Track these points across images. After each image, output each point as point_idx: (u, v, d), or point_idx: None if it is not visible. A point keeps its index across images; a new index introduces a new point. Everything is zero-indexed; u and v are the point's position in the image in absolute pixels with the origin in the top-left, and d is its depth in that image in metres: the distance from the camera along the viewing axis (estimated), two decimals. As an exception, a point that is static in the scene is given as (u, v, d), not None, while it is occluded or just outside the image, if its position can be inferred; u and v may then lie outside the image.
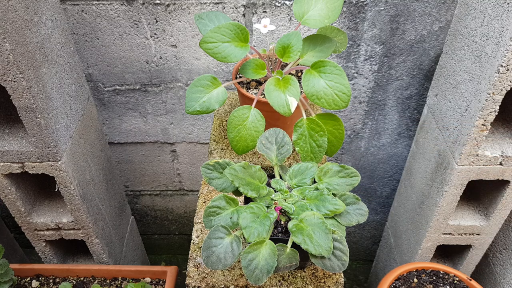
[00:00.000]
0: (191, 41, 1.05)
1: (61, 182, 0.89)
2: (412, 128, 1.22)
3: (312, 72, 0.66)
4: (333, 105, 0.65)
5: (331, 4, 0.71)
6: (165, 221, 1.56)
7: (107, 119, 1.23)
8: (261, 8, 0.99)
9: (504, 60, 0.70)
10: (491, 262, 1.11)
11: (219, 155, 0.81)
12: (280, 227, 0.59)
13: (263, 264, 0.52)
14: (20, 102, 0.74)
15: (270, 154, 0.63)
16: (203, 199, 0.79)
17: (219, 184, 0.59)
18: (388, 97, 1.16)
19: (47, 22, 0.80)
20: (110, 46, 1.07)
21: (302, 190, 0.59)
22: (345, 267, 0.51)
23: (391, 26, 1.02)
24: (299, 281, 0.65)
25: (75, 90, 0.92)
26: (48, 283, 1.06)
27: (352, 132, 1.24)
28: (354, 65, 1.09)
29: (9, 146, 0.82)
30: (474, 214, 0.99)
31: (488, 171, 0.87)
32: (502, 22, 0.70)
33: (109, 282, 1.06)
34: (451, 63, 0.89)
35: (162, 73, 1.12)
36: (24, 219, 0.96)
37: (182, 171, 1.37)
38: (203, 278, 0.66)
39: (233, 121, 0.71)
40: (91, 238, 1.02)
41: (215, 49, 0.68)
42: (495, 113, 0.77)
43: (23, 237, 1.12)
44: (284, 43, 0.70)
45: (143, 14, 1.01)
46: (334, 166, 0.60)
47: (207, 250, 0.53)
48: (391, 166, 1.33)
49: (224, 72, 1.11)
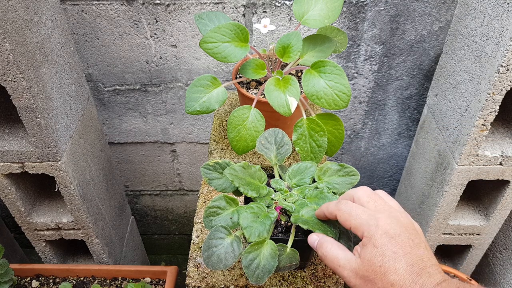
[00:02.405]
0: (191, 41, 1.05)
1: (61, 182, 0.89)
2: (412, 128, 1.22)
3: (312, 72, 0.66)
4: (333, 105, 0.65)
5: (331, 4, 0.71)
6: (165, 221, 1.56)
7: (107, 119, 1.23)
8: (261, 8, 0.99)
9: (504, 60, 0.70)
10: (491, 262, 1.11)
11: (219, 155, 0.81)
12: (280, 227, 0.59)
13: (264, 263, 0.52)
14: (20, 102, 0.74)
15: (270, 154, 0.63)
16: (203, 199, 0.79)
17: (219, 185, 0.59)
18: (388, 97, 1.16)
19: (47, 22, 0.80)
20: (110, 46, 1.07)
21: (302, 190, 0.59)
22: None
23: (391, 26, 1.02)
24: (299, 281, 0.65)
25: (75, 90, 0.92)
26: (48, 283, 1.06)
27: (352, 132, 1.24)
28: (354, 65, 1.09)
29: (9, 146, 0.82)
30: (474, 214, 0.99)
31: (488, 171, 0.87)
32: (502, 22, 0.70)
33: (109, 282, 1.06)
34: (451, 63, 0.89)
35: (162, 73, 1.12)
36: (24, 219, 0.96)
37: (182, 171, 1.37)
38: (203, 278, 0.66)
39: (233, 121, 0.71)
40: (91, 238, 1.02)
41: (215, 49, 0.68)
42: (495, 113, 0.77)
43: (23, 237, 1.11)
44: (284, 43, 0.70)
45: (143, 14, 1.01)
46: (334, 165, 0.60)
47: (208, 250, 0.53)
48: (391, 166, 1.33)
49: (224, 72, 1.11)
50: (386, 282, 0.42)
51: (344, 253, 0.47)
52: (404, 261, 0.42)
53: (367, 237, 0.44)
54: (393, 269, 0.42)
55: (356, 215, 0.46)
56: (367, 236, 0.44)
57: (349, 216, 0.46)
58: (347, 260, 0.45)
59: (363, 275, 0.43)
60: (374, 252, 0.43)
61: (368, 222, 0.45)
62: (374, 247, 0.43)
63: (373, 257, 0.43)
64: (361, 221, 0.45)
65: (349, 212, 0.47)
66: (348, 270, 0.45)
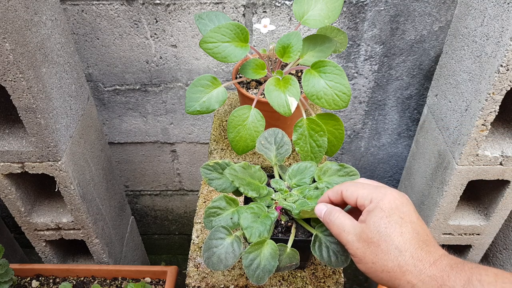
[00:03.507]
0: (191, 41, 1.05)
1: (61, 182, 0.89)
2: (412, 128, 1.22)
3: (312, 72, 0.66)
4: (333, 105, 0.65)
5: (331, 4, 0.71)
6: (165, 221, 1.56)
7: (107, 119, 1.23)
8: (261, 8, 0.99)
9: (504, 60, 0.70)
10: (491, 262, 1.11)
11: (219, 155, 0.81)
12: (280, 227, 0.59)
13: (265, 263, 0.52)
14: (20, 102, 0.74)
15: (269, 154, 0.63)
16: (203, 199, 0.79)
17: (219, 185, 0.59)
18: (388, 97, 1.16)
19: (47, 22, 0.80)
20: (110, 46, 1.07)
21: (302, 190, 0.59)
22: (347, 263, 0.51)
23: (391, 26, 1.02)
24: (299, 281, 0.65)
25: (75, 90, 0.92)
26: (48, 283, 1.06)
27: (352, 132, 1.24)
28: (354, 65, 1.09)
29: (9, 146, 0.82)
30: (474, 214, 0.99)
31: (488, 171, 0.87)
32: (502, 22, 0.70)
33: (109, 282, 1.06)
34: (451, 63, 0.89)
35: (162, 73, 1.12)
36: (24, 219, 0.96)
37: (182, 171, 1.37)
38: (203, 278, 0.66)
39: (233, 121, 0.71)
40: (91, 238, 1.02)
41: (215, 49, 0.68)
42: (495, 113, 0.77)
43: (23, 237, 1.11)
44: (284, 43, 0.70)
45: (143, 14, 1.01)
46: (334, 165, 0.60)
47: (208, 251, 0.53)
48: (391, 166, 1.33)
49: (224, 72, 1.11)
50: (390, 244, 0.41)
51: (350, 220, 0.46)
52: (410, 227, 0.41)
53: (375, 203, 0.43)
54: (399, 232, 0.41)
55: (363, 186, 0.46)
56: (374, 202, 0.44)
57: (356, 188, 0.46)
58: (352, 226, 0.45)
59: (366, 237, 0.43)
60: (381, 214, 0.42)
61: (376, 190, 0.45)
62: (381, 210, 0.42)
63: (380, 219, 0.42)
64: (369, 190, 0.45)
65: (355, 185, 0.47)
66: (352, 234, 0.44)
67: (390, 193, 0.44)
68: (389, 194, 0.44)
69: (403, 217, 0.42)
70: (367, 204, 0.45)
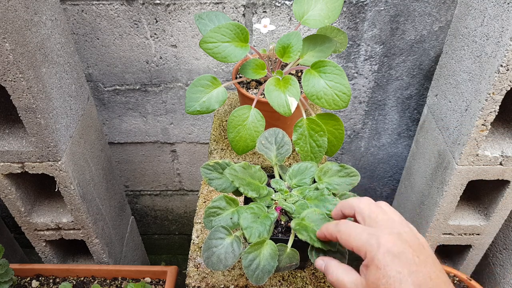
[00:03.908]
0: (191, 41, 1.05)
1: (61, 182, 0.89)
2: (412, 128, 1.22)
3: (312, 72, 0.66)
4: (333, 105, 0.65)
5: (331, 4, 0.71)
6: (165, 221, 1.56)
7: (107, 119, 1.23)
8: (261, 8, 0.99)
9: (504, 60, 0.70)
10: (491, 262, 1.11)
11: (219, 155, 0.81)
12: (280, 227, 0.59)
13: (264, 264, 0.52)
14: (20, 102, 0.74)
15: (270, 154, 0.63)
16: (203, 199, 0.79)
17: (219, 185, 0.59)
18: (388, 97, 1.16)
19: (47, 22, 0.80)
20: (110, 46, 1.07)
21: (302, 190, 0.59)
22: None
23: (391, 26, 1.02)
24: (299, 281, 0.65)
25: (75, 90, 0.92)
26: (48, 283, 1.06)
27: (352, 132, 1.24)
28: (354, 65, 1.09)
29: (9, 146, 0.82)
30: (474, 214, 0.99)
31: (488, 171, 0.87)
32: (502, 22, 0.70)
33: (109, 282, 1.06)
34: (451, 63, 0.89)
35: (162, 73, 1.12)
36: (24, 219, 0.96)
37: (182, 171, 1.37)
38: (203, 278, 0.66)
39: (233, 121, 0.71)
40: (91, 238, 1.02)
41: (215, 49, 0.68)
42: (495, 113, 0.77)
43: (23, 237, 1.11)
44: (284, 43, 0.70)
45: (143, 14, 1.01)
46: (334, 165, 0.60)
47: (208, 250, 0.53)
48: (391, 166, 1.33)
49: (224, 72, 1.11)
50: None
51: (348, 276, 0.45)
52: (410, 281, 0.39)
53: (370, 258, 0.42)
54: None
55: (356, 236, 0.44)
56: (369, 256, 0.42)
57: (349, 237, 0.45)
58: (353, 283, 0.44)
59: None
60: (378, 273, 0.41)
61: (369, 241, 0.43)
62: (377, 268, 0.41)
63: (377, 279, 0.41)
64: (362, 242, 0.43)
65: (349, 233, 0.45)
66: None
67: (384, 242, 0.42)
68: (383, 244, 0.42)
69: (401, 271, 0.40)
70: (362, 256, 0.43)
